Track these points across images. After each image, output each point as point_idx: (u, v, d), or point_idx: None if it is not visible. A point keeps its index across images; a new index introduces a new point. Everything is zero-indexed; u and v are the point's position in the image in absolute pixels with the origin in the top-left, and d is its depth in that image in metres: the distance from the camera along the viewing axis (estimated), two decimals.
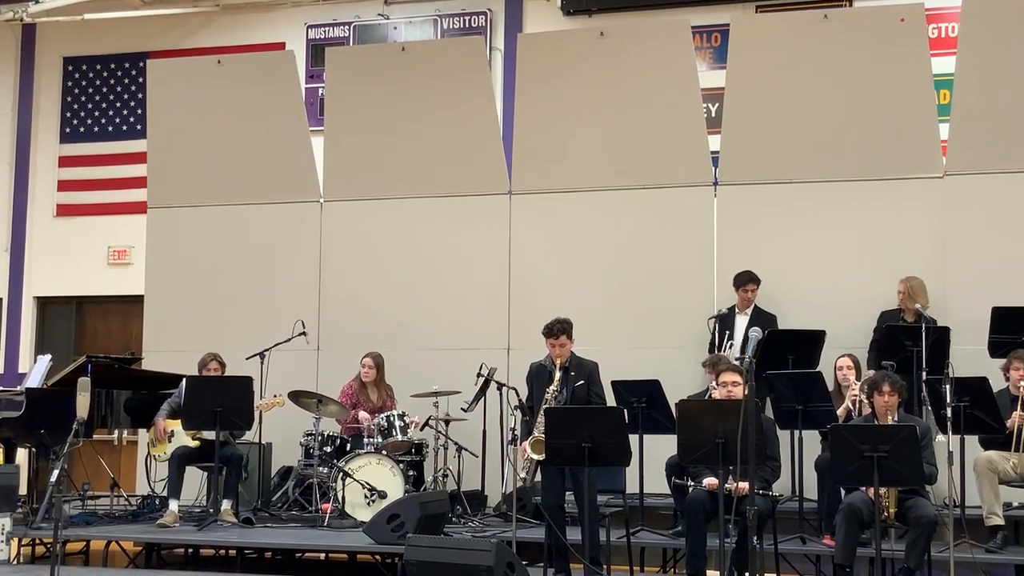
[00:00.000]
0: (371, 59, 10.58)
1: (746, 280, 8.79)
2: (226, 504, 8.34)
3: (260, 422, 8.80)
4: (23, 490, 8.75)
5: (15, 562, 7.93)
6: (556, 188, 9.71)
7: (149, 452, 8.86)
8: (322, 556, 8.47)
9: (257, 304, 10.15)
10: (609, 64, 9.51)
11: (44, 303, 13.62)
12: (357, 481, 8.16)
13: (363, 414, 8.80)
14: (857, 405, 7.47)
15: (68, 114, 13.61)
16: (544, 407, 6.93)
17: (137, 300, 11.11)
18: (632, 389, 7.87)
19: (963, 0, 8.85)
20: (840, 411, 7.56)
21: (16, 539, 7.98)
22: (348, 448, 8.73)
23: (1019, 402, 7.18)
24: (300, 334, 9.38)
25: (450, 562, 6.32)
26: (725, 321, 8.78)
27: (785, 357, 8.03)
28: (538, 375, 7.22)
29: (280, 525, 8.41)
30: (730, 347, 8.57)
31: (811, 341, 8.35)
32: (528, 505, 8.21)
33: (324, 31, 12.80)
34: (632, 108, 9.47)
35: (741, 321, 8.74)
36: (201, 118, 10.50)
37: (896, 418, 6.57)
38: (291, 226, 10.29)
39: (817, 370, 7.77)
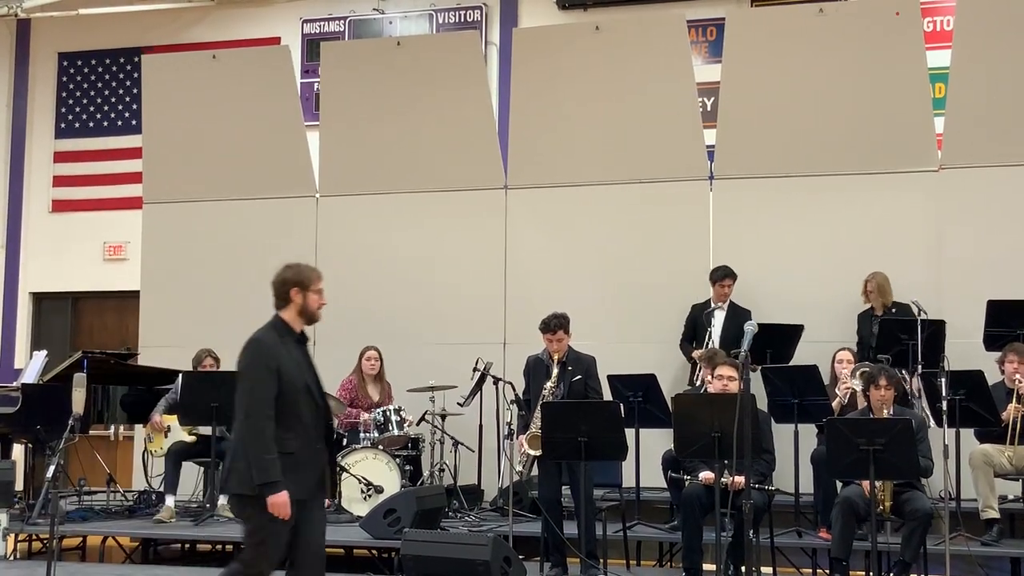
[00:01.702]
0: (366, 54, 10.56)
1: (723, 275, 8.80)
2: (223, 499, 8.33)
3: None
4: (19, 486, 8.75)
5: (12, 558, 7.94)
6: (552, 182, 9.71)
7: (145, 448, 8.86)
8: None
9: (253, 299, 9.98)
10: (605, 58, 9.51)
11: (40, 299, 13.60)
12: (353, 476, 8.16)
13: (365, 415, 8.77)
14: (847, 396, 7.49)
15: (63, 109, 13.58)
16: (541, 402, 6.94)
17: (133, 296, 11.11)
18: (628, 383, 7.87)
19: None
20: (834, 404, 7.57)
21: (13, 535, 8.00)
22: (345, 443, 8.72)
23: (1014, 395, 7.20)
24: None
25: (447, 556, 6.34)
26: (707, 315, 8.78)
27: (763, 351, 8.03)
28: (535, 369, 7.22)
29: None
30: (710, 343, 8.58)
31: (788, 335, 8.38)
32: (525, 499, 8.21)
33: (319, 26, 12.77)
34: (628, 102, 9.46)
35: (719, 315, 8.76)
36: (196, 113, 10.48)
37: (891, 412, 6.58)
38: (287, 221, 10.27)
39: (812, 364, 7.78)
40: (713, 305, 8.81)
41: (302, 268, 5.18)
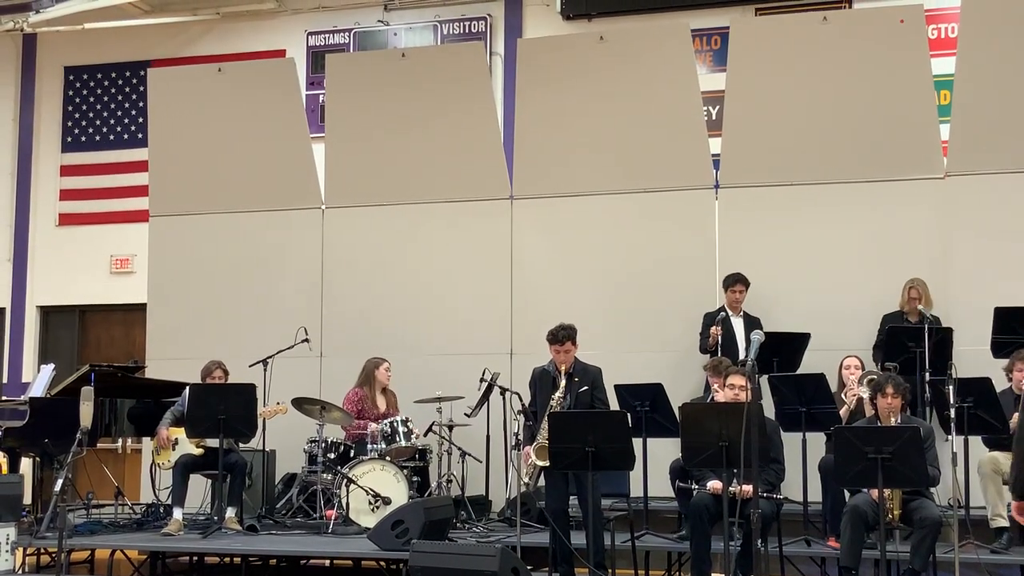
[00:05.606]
0: (371, 65, 10.58)
1: (734, 280, 8.81)
2: (230, 512, 8.33)
3: (264, 429, 8.79)
4: (27, 500, 8.76)
5: (20, 572, 7.93)
6: (557, 192, 9.72)
7: (153, 460, 8.87)
8: (327, 563, 8.46)
9: (260, 311, 10.15)
10: (609, 68, 9.51)
11: (47, 312, 13.62)
12: (361, 487, 8.15)
13: (373, 425, 8.77)
14: (853, 402, 7.48)
15: (69, 123, 13.62)
16: (548, 412, 6.93)
17: (140, 308, 11.13)
18: (635, 393, 7.86)
19: (963, 1, 8.86)
20: (842, 411, 7.56)
21: (21, 549, 7.98)
22: (352, 454, 8.72)
23: (1022, 401, 7.18)
24: (303, 341, 9.36)
25: (455, 567, 6.32)
26: (725, 324, 8.78)
27: (770, 359, 8.02)
28: (541, 380, 7.22)
29: (284, 532, 8.40)
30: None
31: (795, 343, 8.37)
32: (532, 510, 8.21)
33: (324, 38, 12.81)
34: (633, 112, 9.47)
35: (737, 323, 8.76)
36: (202, 126, 10.51)
37: (899, 420, 6.57)
38: (293, 233, 10.29)
39: (820, 372, 7.77)
40: (728, 312, 8.81)
41: None
